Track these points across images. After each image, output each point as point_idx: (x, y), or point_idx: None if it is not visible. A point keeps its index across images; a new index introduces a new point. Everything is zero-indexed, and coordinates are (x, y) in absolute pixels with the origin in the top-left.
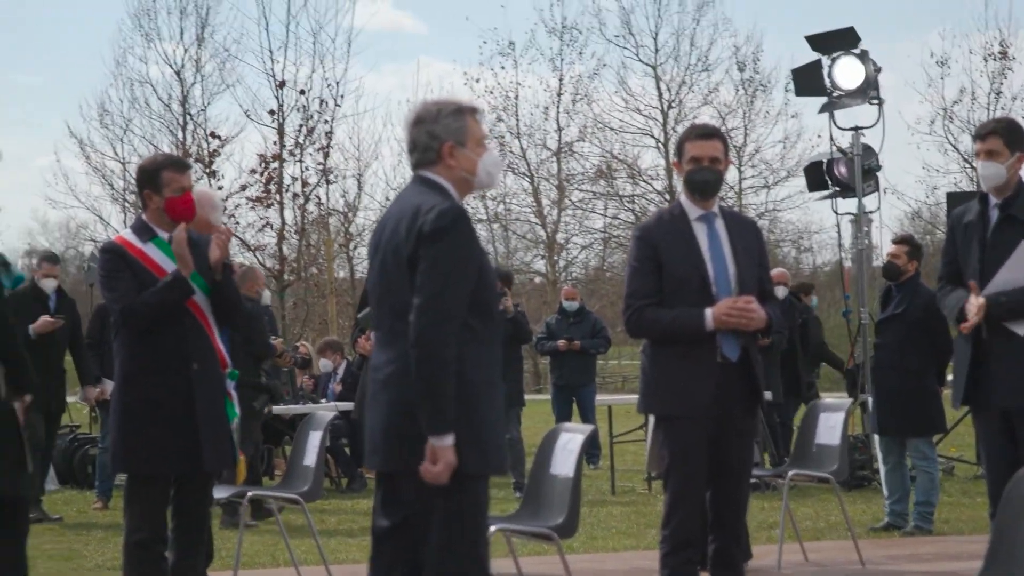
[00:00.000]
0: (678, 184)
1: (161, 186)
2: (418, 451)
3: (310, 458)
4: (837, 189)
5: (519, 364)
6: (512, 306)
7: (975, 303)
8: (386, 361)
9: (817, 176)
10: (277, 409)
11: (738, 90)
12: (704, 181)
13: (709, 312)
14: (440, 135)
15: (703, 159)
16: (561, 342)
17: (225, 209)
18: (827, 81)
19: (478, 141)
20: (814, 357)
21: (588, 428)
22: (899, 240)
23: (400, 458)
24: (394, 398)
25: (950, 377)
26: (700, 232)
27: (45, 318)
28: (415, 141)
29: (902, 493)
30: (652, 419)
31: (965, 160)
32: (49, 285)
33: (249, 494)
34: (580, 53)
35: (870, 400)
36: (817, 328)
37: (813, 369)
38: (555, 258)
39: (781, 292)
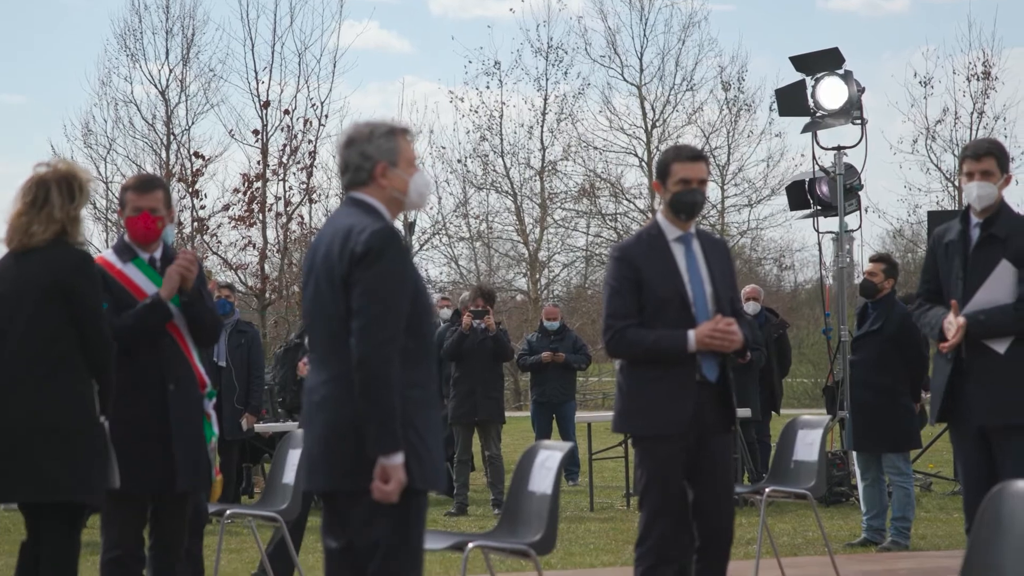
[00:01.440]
0: (657, 203)
1: (124, 206)
2: (359, 470)
3: (289, 476)
4: (819, 208)
5: (500, 382)
6: (495, 324)
7: (955, 323)
8: (321, 383)
9: (799, 195)
10: (257, 427)
11: (722, 109)
12: (693, 203)
13: (692, 334)
14: (372, 155)
15: (692, 181)
16: (546, 354)
17: (207, 228)
18: (810, 101)
19: (409, 162)
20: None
21: (566, 445)
22: (876, 259)
23: (340, 478)
24: (331, 419)
25: (926, 394)
26: (678, 253)
27: None
28: (347, 162)
29: (879, 509)
30: None
31: (947, 179)
32: None
33: (228, 512)
34: (565, 73)
35: (847, 416)
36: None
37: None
38: (537, 276)
39: (753, 307)
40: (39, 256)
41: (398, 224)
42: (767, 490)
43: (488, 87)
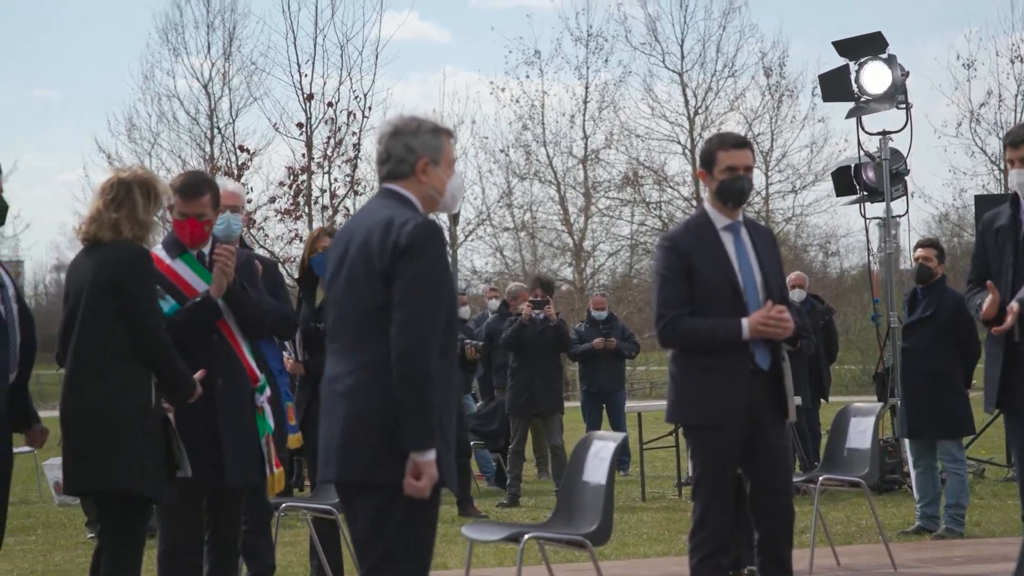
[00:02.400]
0: (704, 192)
1: (171, 207)
2: (378, 463)
3: None
4: (865, 193)
5: (559, 372)
6: (554, 314)
7: (994, 306)
8: (346, 372)
9: (845, 181)
10: None
11: (764, 95)
12: (741, 190)
13: (745, 322)
14: (417, 149)
15: (739, 168)
16: (598, 340)
17: (253, 222)
18: (854, 86)
19: (450, 163)
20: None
21: (620, 436)
22: (927, 243)
23: (358, 470)
24: (354, 409)
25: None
26: (728, 241)
27: None
28: (390, 152)
29: (933, 496)
30: None
31: (992, 162)
32: None
33: (283, 505)
34: (606, 61)
35: (899, 403)
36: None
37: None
38: (582, 266)
39: (800, 295)
40: (101, 252)
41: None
42: (820, 479)
43: (529, 76)
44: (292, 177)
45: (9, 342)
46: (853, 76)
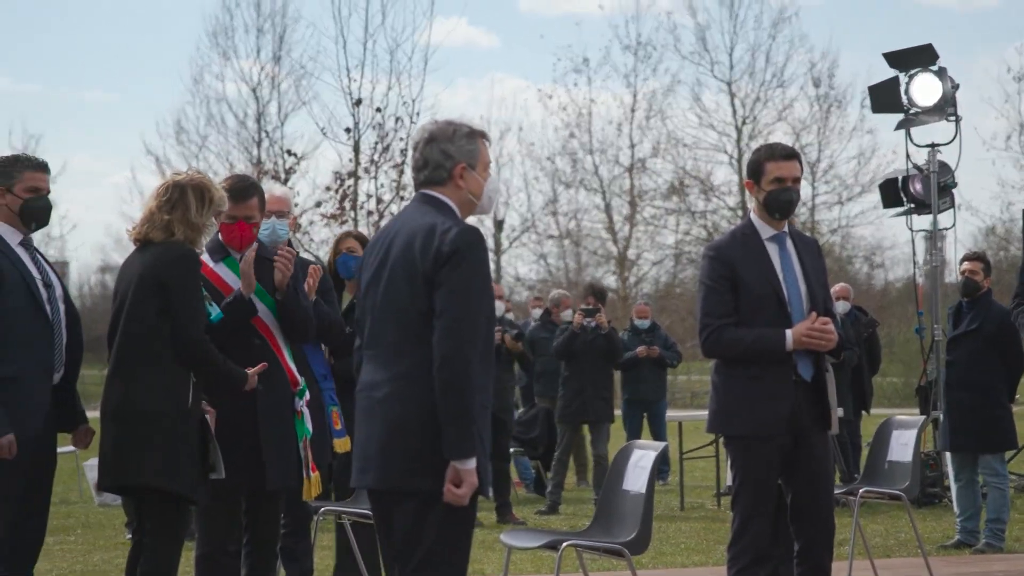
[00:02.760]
0: (750, 202)
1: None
2: (415, 470)
3: None
4: (912, 206)
5: (610, 381)
6: (606, 322)
7: None
8: (384, 379)
9: (892, 193)
10: None
11: (813, 106)
12: (789, 201)
13: (789, 333)
14: (454, 155)
15: (787, 179)
16: (641, 348)
17: (299, 226)
18: (904, 98)
19: (485, 166)
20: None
21: (660, 445)
22: (974, 257)
23: (395, 477)
24: (393, 417)
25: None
26: (773, 252)
27: None
28: (427, 159)
29: (973, 511)
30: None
31: None
32: None
33: (321, 509)
34: (654, 70)
35: (941, 416)
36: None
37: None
38: (626, 274)
39: (844, 307)
40: (151, 251)
41: (488, 222)
42: (861, 491)
43: (576, 84)
44: (339, 182)
45: (55, 342)
46: (903, 88)
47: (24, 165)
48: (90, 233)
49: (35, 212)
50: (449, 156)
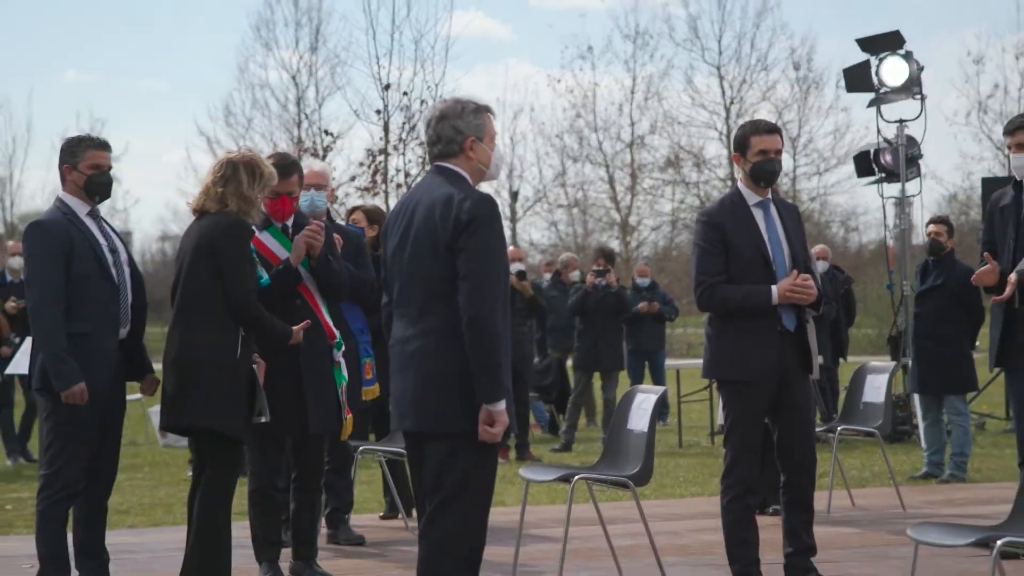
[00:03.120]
0: (737, 173)
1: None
2: (447, 414)
3: None
4: (883, 175)
5: (620, 334)
6: (615, 281)
7: (995, 273)
8: (414, 335)
9: (865, 164)
10: None
11: (793, 87)
12: (772, 171)
13: (775, 289)
14: (463, 130)
15: (770, 151)
16: (642, 304)
17: (336, 198)
18: (875, 79)
19: (492, 137)
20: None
21: (660, 389)
22: (938, 220)
23: (430, 420)
24: (425, 368)
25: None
26: (759, 217)
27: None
28: (440, 134)
29: (939, 446)
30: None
31: (998, 148)
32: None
33: (360, 448)
34: (651, 56)
35: (910, 363)
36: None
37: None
38: (628, 239)
39: (823, 266)
40: (207, 220)
41: (504, 193)
42: (839, 429)
43: (582, 69)
44: (371, 158)
45: (121, 301)
46: (874, 70)
47: (87, 145)
48: (151, 206)
49: (98, 187)
50: (459, 131)
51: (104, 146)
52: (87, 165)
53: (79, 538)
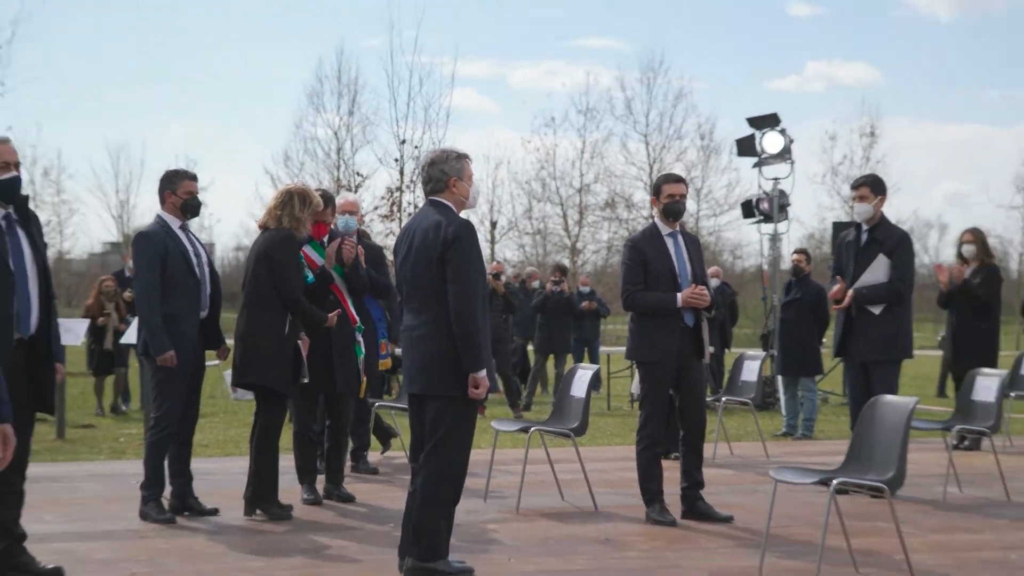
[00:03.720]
0: (654, 212)
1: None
2: (441, 382)
3: None
4: (761, 218)
5: (569, 326)
6: (567, 288)
7: (847, 294)
8: (419, 324)
9: (748, 209)
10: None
11: (699, 152)
12: (678, 210)
13: (679, 296)
14: (448, 172)
15: (676, 195)
16: (585, 303)
17: (363, 222)
18: (758, 147)
19: (469, 177)
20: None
21: (595, 367)
22: (800, 251)
23: (430, 385)
24: (425, 348)
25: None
26: (669, 243)
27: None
28: (431, 175)
29: (794, 413)
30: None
31: (844, 201)
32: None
33: (376, 404)
34: (597, 126)
35: (776, 353)
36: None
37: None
38: (575, 258)
39: (715, 282)
40: (266, 234)
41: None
42: (724, 399)
43: (546, 134)
44: (390, 193)
45: (202, 292)
46: (758, 141)
47: (183, 176)
48: (229, 225)
49: (190, 207)
50: (445, 173)
51: (195, 178)
52: (183, 191)
53: (173, 463)
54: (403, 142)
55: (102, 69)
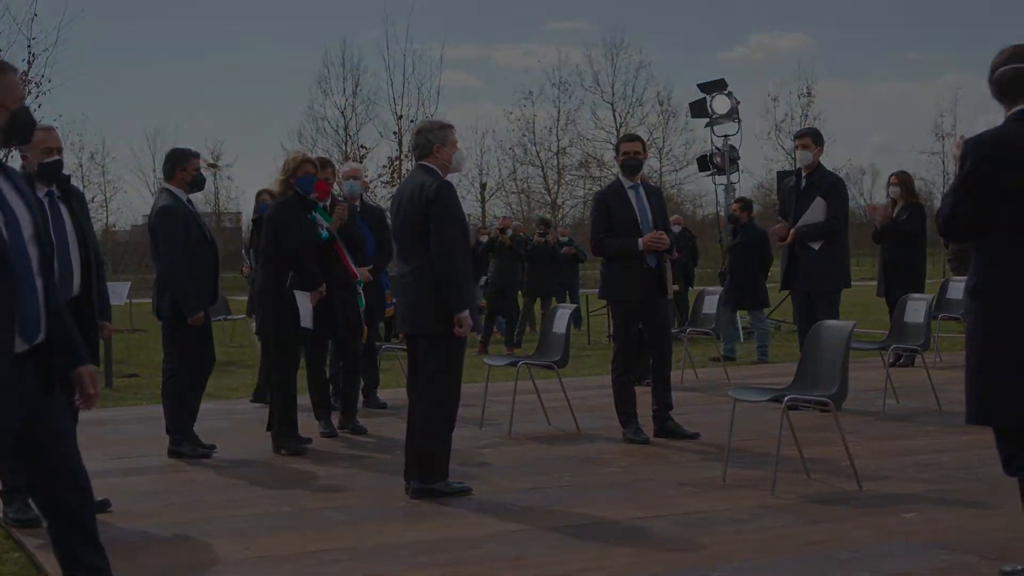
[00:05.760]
0: (617, 169)
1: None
2: (429, 321)
3: None
4: (715, 171)
5: (554, 273)
6: (552, 239)
7: (790, 234)
8: (408, 271)
9: (704, 164)
10: None
11: (660, 116)
12: (634, 165)
13: (640, 240)
14: (432, 139)
15: (631, 152)
16: (566, 249)
17: (368, 188)
18: (710, 109)
19: (453, 143)
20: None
21: (574, 306)
22: (737, 200)
23: (419, 324)
24: (415, 292)
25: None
26: (632, 195)
27: None
28: (418, 142)
29: (731, 340)
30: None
31: (787, 153)
32: None
33: (383, 347)
34: (570, 96)
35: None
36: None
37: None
38: (556, 213)
39: (677, 229)
40: (272, 201)
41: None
42: (688, 330)
43: (526, 106)
44: (390, 162)
45: (215, 254)
46: (709, 103)
47: (191, 155)
48: (251, 196)
49: (197, 183)
50: (429, 140)
51: (199, 156)
52: (192, 168)
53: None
54: (400, 118)
55: (140, 65)
